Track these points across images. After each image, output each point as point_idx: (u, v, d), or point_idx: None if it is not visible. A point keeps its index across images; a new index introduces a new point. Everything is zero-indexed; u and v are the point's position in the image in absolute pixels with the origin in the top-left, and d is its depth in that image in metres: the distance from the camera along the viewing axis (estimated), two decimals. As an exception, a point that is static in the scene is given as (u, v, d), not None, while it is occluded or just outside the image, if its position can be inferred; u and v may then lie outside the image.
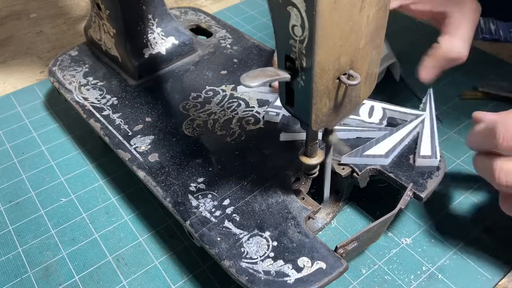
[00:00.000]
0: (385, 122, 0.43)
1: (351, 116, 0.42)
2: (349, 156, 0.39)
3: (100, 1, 0.49)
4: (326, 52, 0.26)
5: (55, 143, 0.52)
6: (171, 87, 0.49)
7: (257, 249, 0.33)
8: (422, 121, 0.42)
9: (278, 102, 0.45)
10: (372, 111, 0.43)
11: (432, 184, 0.37)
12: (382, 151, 0.39)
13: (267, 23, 0.70)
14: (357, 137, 0.41)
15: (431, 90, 0.45)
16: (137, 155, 0.42)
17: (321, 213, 0.40)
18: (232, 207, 0.36)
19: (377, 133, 0.41)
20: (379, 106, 0.44)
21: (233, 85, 0.49)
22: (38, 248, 0.42)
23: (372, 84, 0.32)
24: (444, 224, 0.41)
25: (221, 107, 0.46)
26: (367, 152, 0.39)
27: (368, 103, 0.44)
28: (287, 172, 0.39)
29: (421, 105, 0.44)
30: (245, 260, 0.32)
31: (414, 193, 0.36)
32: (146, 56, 0.51)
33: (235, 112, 0.45)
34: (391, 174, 0.38)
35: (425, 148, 0.39)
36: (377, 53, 0.30)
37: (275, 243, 0.34)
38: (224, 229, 0.35)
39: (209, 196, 0.37)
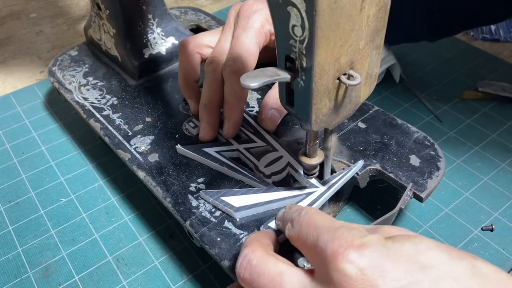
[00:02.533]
0: (276, 179, 0.38)
1: (251, 158, 0.39)
2: (207, 194, 0.36)
3: (100, 1, 0.49)
4: (326, 52, 0.26)
5: (55, 143, 0.52)
6: (171, 87, 0.49)
7: (257, 249, 0.33)
8: (308, 194, 0.36)
9: None
10: (274, 162, 0.39)
11: (432, 184, 0.37)
12: (237, 203, 0.35)
13: (267, 23, 0.70)
14: (240, 181, 0.38)
15: (360, 163, 0.38)
16: (137, 155, 0.42)
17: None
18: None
19: (257, 185, 0.38)
20: (286, 160, 0.39)
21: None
22: (38, 248, 0.42)
23: (372, 84, 0.32)
24: (444, 224, 0.41)
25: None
26: (224, 198, 0.36)
27: (280, 152, 0.40)
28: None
29: (326, 179, 0.37)
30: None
31: (414, 193, 0.36)
32: (146, 56, 0.51)
33: (235, 112, 0.45)
34: (391, 174, 0.38)
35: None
36: (377, 53, 0.30)
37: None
38: (224, 229, 0.35)
39: (209, 196, 0.37)
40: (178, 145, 0.41)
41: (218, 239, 0.34)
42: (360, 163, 0.38)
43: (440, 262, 0.22)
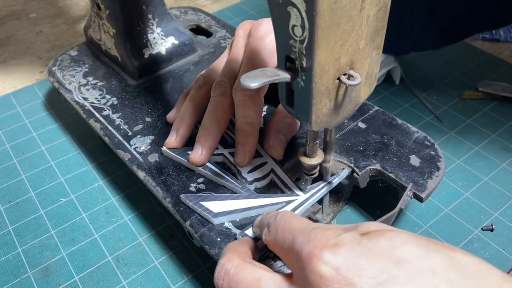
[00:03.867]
0: (259, 185, 0.38)
1: (234, 163, 0.39)
2: (187, 198, 0.36)
3: (100, 1, 0.49)
4: (326, 52, 0.26)
5: (55, 143, 0.52)
6: (171, 87, 0.49)
7: (257, 250, 0.33)
8: (288, 202, 0.36)
9: None
10: (257, 168, 0.38)
11: (432, 184, 0.37)
12: (216, 209, 0.35)
13: (267, 23, 0.70)
14: (223, 186, 0.38)
15: (344, 172, 0.38)
16: (137, 155, 0.42)
17: (321, 213, 0.40)
18: (232, 207, 0.36)
19: (238, 191, 0.37)
20: (269, 166, 0.38)
21: (233, 85, 0.49)
22: (38, 248, 0.42)
23: (372, 85, 0.32)
24: (444, 224, 0.41)
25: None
26: (203, 203, 0.36)
27: (265, 159, 0.39)
28: (287, 172, 0.39)
29: (308, 187, 0.37)
30: (245, 260, 0.32)
31: (414, 193, 0.36)
32: (146, 56, 0.51)
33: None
34: (391, 174, 0.38)
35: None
36: (377, 54, 0.30)
37: (275, 243, 0.33)
38: (224, 229, 0.35)
39: (209, 196, 0.37)
40: (164, 147, 0.41)
41: (218, 239, 0.34)
42: (345, 172, 0.38)
43: (416, 256, 0.22)
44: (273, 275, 0.26)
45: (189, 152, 0.40)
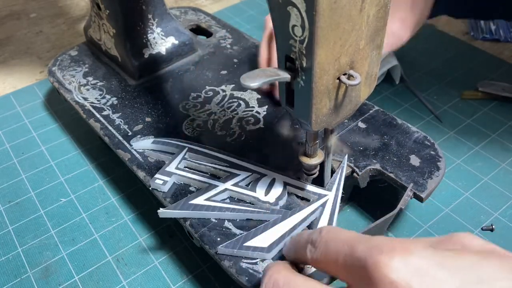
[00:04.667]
0: (282, 202, 0.36)
1: (246, 192, 0.37)
2: (226, 247, 0.33)
3: (100, 1, 0.49)
4: (326, 52, 0.26)
5: (55, 143, 0.52)
6: (171, 87, 0.49)
7: (257, 250, 0.33)
8: (323, 204, 0.35)
9: (170, 168, 0.39)
10: (271, 187, 0.37)
11: (432, 184, 0.37)
12: (265, 243, 0.33)
13: (267, 23, 0.70)
14: (247, 219, 0.35)
15: (344, 162, 0.38)
16: (137, 155, 0.42)
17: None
18: (232, 207, 0.36)
19: (269, 216, 0.35)
20: (281, 180, 0.37)
21: (233, 85, 0.49)
22: (38, 248, 0.42)
23: (372, 84, 0.32)
24: (444, 224, 0.41)
25: (221, 107, 0.46)
26: (248, 243, 0.33)
27: (270, 175, 0.38)
28: (287, 172, 0.39)
29: (328, 183, 0.37)
30: (245, 261, 0.32)
31: (414, 193, 0.36)
32: (146, 56, 0.51)
33: (235, 112, 0.45)
34: (391, 174, 0.38)
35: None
36: (377, 53, 0.30)
37: (275, 243, 0.33)
38: (224, 229, 0.35)
39: (209, 196, 0.37)
40: (160, 209, 0.36)
41: (218, 239, 0.34)
42: (345, 157, 0.38)
43: (500, 275, 0.20)
44: (327, 287, 0.24)
45: (191, 202, 0.36)
